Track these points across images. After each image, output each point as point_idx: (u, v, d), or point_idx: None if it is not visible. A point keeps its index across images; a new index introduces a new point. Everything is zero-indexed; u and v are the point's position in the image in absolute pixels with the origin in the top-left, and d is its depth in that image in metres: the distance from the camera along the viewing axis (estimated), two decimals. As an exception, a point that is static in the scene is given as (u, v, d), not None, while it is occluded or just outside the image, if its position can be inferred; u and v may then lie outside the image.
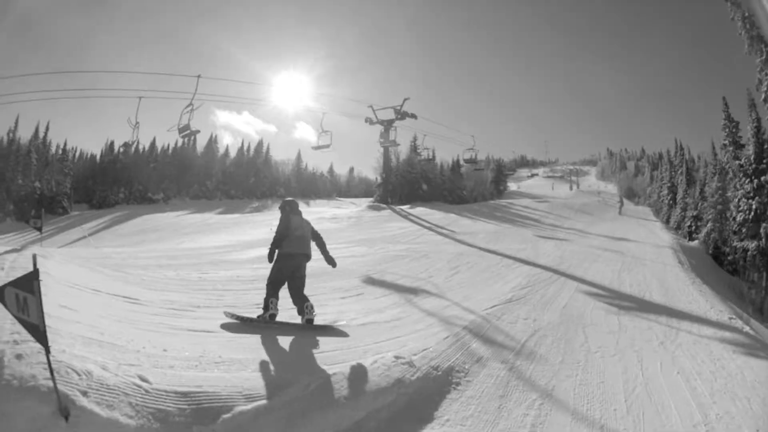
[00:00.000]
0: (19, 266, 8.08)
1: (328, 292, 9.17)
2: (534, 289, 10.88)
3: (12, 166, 40.38)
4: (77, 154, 49.15)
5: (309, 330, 6.86)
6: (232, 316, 7.16)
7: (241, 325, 6.79)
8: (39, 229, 13.99)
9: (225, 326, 6.61)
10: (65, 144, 47.94)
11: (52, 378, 3.81)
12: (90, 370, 4.19)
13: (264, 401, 4.26)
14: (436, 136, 41.25)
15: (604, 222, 27.20)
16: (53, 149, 45.19)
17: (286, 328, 6.86)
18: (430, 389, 5.46)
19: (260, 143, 43.17)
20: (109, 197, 46.44)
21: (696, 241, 23.51)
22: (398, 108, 28.11)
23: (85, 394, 3.92)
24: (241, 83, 45.78)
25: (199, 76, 20.66)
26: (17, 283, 3.77)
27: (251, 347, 5.82)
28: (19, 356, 4.31)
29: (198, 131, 22.07)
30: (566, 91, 42.68)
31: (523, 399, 5.64)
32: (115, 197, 44.03)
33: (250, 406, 4.18)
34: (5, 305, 3.82)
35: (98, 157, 47.45)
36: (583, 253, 16.36)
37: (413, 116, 28.58)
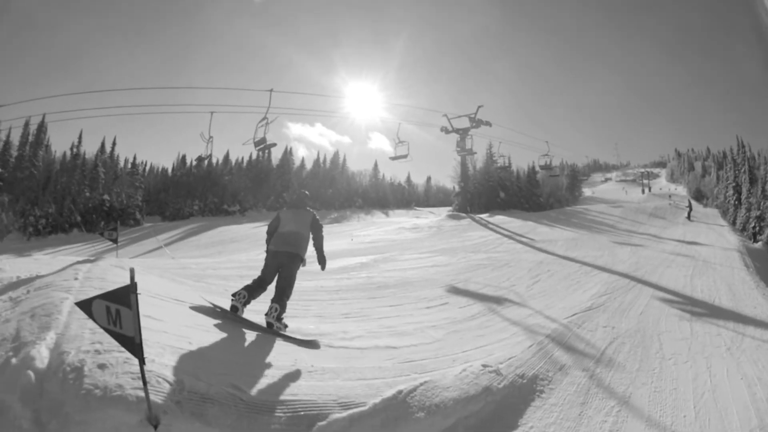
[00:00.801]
0: (95, 276, 8.35)
1: (413, 302, 9.29)
2: (612, 296, 10.84)
3: (78, 179, 42.35)
4: (147, 168, 51.15)
5: (273, 334, 6.70)
6: (212, 304, 7.40)
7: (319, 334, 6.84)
8: (115, 241, 14.24)
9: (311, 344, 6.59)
10: (134, 158, 49.90)
11: (145, 388, 3.86)
12: (182, 380, 4.29)
13: (358, 409, 4.28)
14: (511, 143, 41.11)
15: (675, 226, 27.25)
16: (121, 163, 47.31)
17: (251, 325, 6.83)
18: (516, 397, 5.45)
19: (336, 154, 43.87)
20: (183, 209, 47.88)
21: (759, 243, 23.25)
22: (472, 116, 28.26)
23: (178, 403, 4.03)
24: (313, 96, 46.44)
25: (271, 90, 21.31)
26: (110, 296, 3.84)
27: (342, 356, 5.96)
28: (102, 366, 4.42)
29: (274, 144, 22.95)
30: (633, 90, 42.13)
31: (603, 406, 5.64)
32: (189, 209, 45.30)
33: (345, 413, 4.20)
34: (93, 317, 3.90)
35: (170, 170, 49.33)
36: (657, 258, 16.28)
37: (488, 124, 28.68)
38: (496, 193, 33.34)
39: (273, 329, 6.94)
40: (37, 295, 7.40)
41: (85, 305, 3.88)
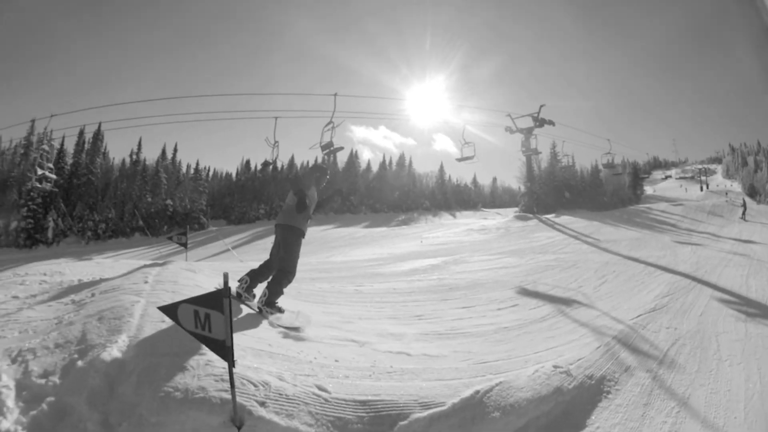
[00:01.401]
0: (166, 279, 8.60)
1: (484, 304, 9.35)
2: (674, 297, 10.85)
3: (139, 185, 43.83)
4: (211, 173, 52.46)
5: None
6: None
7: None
8: (184, 245, 14.57)
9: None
10: (197, 164, 51.21)
11: (232, 390, 4.03)
12: (267, 381, 4.45)
13: (438, 408, 4.36)
14: (574, 142, 40.94)
15: (732, 224, 27.40)
16: (183, 169, 48.65)
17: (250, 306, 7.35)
18: (584, 398, 5.53)
19: (402, 157, 44.22)
20: (249, 213, 49.04)
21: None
22: (535, 115, 28.30)
23: (263, 404, 4.16)
24: (376, 98, 46.84)
25: (335, 94, 21.73)
26: (199, 300, 4.01)
27: (419, 358, 6.02)
28: (182, 369, 4.63)
29: (341, 148, 23.09)
30: (689, 82, 41.71)
31: (664, 407, 5.71)
32: (255, 213, 46.28)
33: (425, 413, 4.30)
34: (178, 321, 4.06)
35: (234, 175, 50.62)
36: (716, 257, 16.26)
37: (551, 123, 28.67)
38: (561, 193, 33.31)
39: (262, 314, 7.08)
40: (104, 298, 7.62)
41: (170, 309, 4.06)
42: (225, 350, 3.93)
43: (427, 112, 38.82)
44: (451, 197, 42.11)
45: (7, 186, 43.88)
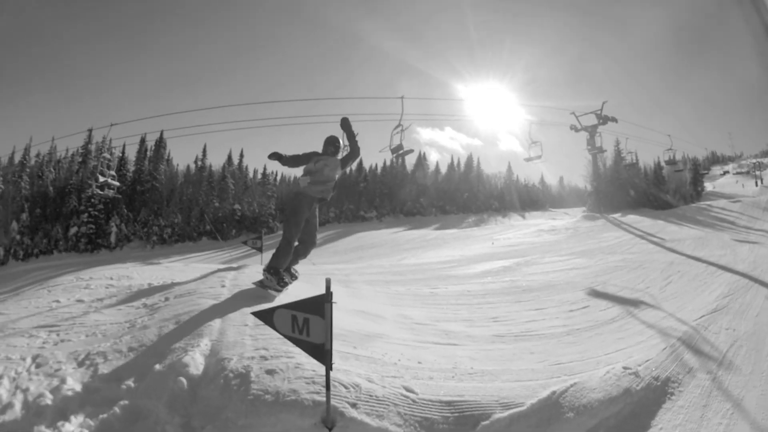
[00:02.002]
0: (243, 284, 8.87)
1: (556, 305, 9.56)
2: (734, 297, 10.95)
3: (205, 190, 45.34)
4: (278, 177, 53.86)
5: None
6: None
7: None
8: (260, 249, 14.73)
9: (469, 337, 7.15)
10: (264, 169, 52.62)
11: (327, 392, 4.19)
12: (357, 383, 4.63)
13: (517, 409, 4.52)
14: (637, 139, 40.81)
15: None
16: (250, 174, 50.19)
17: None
18: (650, 399, 5.68)
19: (470, 158, 44.65)
20: (319, 216, 49.79)
21: None
22: (598, 112, 28.36)
23: (354, 405, 4.34)
24: (442, 100, 47.28)
25: (402, 97, 22.12)
26: (298, 306, 4.22)
27: (497, 359, 6.21)
28: (270, 372, 4.84)
29: (411, 150, 23.36)
30: (746, 71, 41.36)
31: (720, 408, 5.86)
32: (325, 216, 47.27)
33: (506, 413, 4.45)
34: (273, 326, 4.28)
35: None
36: None
37: (614, 120, 28.63)
38: (626, 191, 33.25)
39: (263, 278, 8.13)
40: (180, 302, 8.01)
41: (266, 314, 4.31)
42: (324, 354, 4.10)
43: (492, 111, 38.96)
44: (519, 198, 42.33)
45: (66, 193, 45.89)
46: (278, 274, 8.11)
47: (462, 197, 43.12)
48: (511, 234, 30.37)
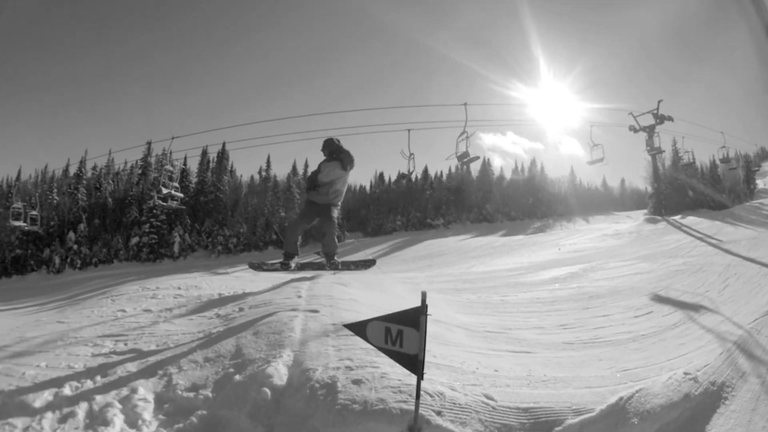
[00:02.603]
0: (320, 294, 9.26)
1: (622, 311, 9.83)
2: (785, 299, 11.26)
3: (270, 200, 47.16)
4: None
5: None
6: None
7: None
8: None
9: (544, 345, 7.55)
10: None
11: (417, 401, 4.39)
12: (441, 392, 4.79)
13: (588, 414, 4.69)
14: (692, 138, 40.72)
15: None
16: None
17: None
18: (706, 404, 5.87)
19: (533, 162, 45.26)
20: (386, 225, 51.30)
21: None
22: (655, 112, 28.18)
23: (439, 413, 4.52)
24: (503, 105, 47.73)
25: (465, 104, 21.55)
26: (393, 318, 4.43)
27: (568, 366, 6.50)
28: (357, 382, 5.05)
29: (477, 157, 23.19)
30: None
31: (765, 412, 6.09)
32: (392, 224, 48.31)
33: (577, 419, 4.63)
34: (365, 337, 4.49)
35: (368, 188, 53.28)
36: None
37: (669, 119, 28.39)
38: (684, 192, 33.35)
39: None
40: (256, 313, 8.33)
41: (359, 327, 4.53)
42: (416, 364, 4.30)
43: (553, 115, 39.26)
44: (583, 202, 42.56)
45: (126, 204, 47.88)
46: (285, 258, 10.35)
47: (527, 202, 43.51)
48: (577, 239, 30.45)
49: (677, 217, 30.67)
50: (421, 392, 4.57)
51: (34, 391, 6.45)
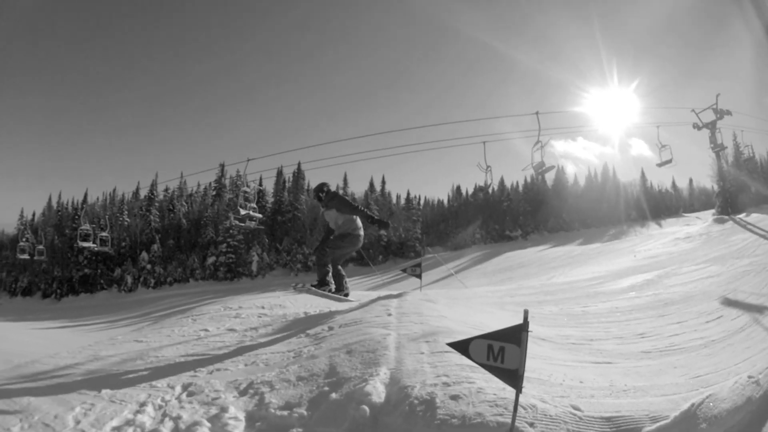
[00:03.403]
0: (409, 311, 9.84)
1: (695, 317, 10.18)
2: None
3: None
4: (422, 201, 56.80)
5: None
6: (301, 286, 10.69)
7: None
8: (419, 276, 15.49)
9: (621, 355, 8.03)
10: (408, 193, 55.71)
11: (514, 414, 4.61)
12: (534, 404, 5.00)
13: (663, 422, 4.86)
14: (750, 131, 41.12)
15: None
16: (393, 199, 53.21)
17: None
18: (764, 406, 5.97)
19: (605, 168, 46.42)
20: (465, 238, 52.79)
21: None
22: (714, 107, 28.27)
23: (532, 425, 4.74)
24: (573, 111, 48.58)
25: (537, 113, 22.54)
26: (495, 335, 4.64)
27: (646, 374, 6.83)
28: (455, 397, 5.31)
29: (553, 167, 23.67)
30: None
31: None
32: (471, 238, 49.72)
33: (654, 426, 4.81)
34: (469, 355, 4.67)
35: (446, 201, 54.72)
36: None
37: (728, 113, 28.53)
38: (747, 188, 33.72)
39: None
40: (347, 331, 8.89)
41: (461, 345, 4.75)
42: (516, 379, 4.50)
43: (621, 118, 39.85)
44: (655, 205, 43.16)
45: (201, 225, 49.88)
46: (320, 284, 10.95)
47: (602, 209, 44.21)
48: (651, 245, 31.24)
49: (742, 215, 31.11)
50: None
51: (110, 408, 6.89)
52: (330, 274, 11.24)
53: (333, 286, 11.22)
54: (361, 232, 11.73)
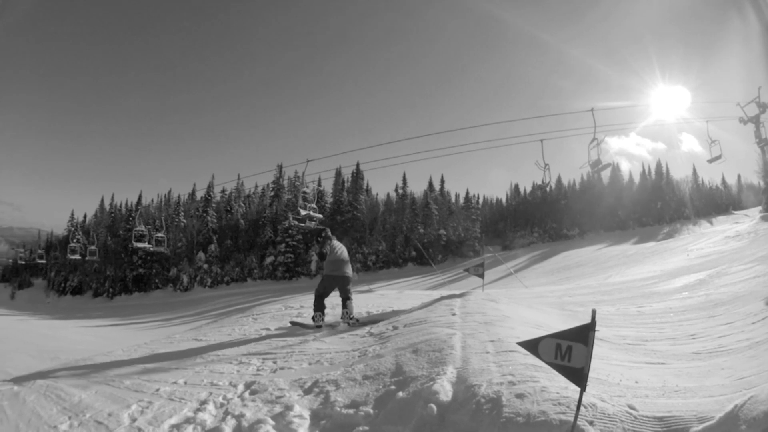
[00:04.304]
0: (473, 311, 10.34)
1: (742, 318, 10.52)
2: None
3: (409, 217, 50.23)
4: (480, 200, 57.94)
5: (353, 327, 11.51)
6: (294, 323, 11.51)
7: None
8: (481, 276, 15.91)
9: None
10: (467, 193, 56.95)
11: (577, 412, 4.84)
12: (594, 403, 5.16)
13: (708, 422, 4.99)
14: None
15: None
16: (452, 199, 54.44)
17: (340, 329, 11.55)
18: None
19: (659, 164, 47.17)
20: (523, 237, 53.96)
21: None
22: (757, 100, 28.32)
23: (591, 423, 4.92)
24: (627, 107, 48.80)
25: (592, 110, 23.46)
26: (563, 335, 4.86)
27: (696, 375, 7.04)
28: (520, 396, 5.54)
29: (609, 164, 24.40)
30: None
31: None
32: (530, 237, 50.74)
33: (700, 426, 4.96)
34: (538, 354, 4.89)
35: (504, 200, 55.88)
36: None
37: None
38: None
39: (353, 324, 11.82)
40: (412, 331, 9.46)
41: (531, 344, 4.96)
42: (582, 377, 4.69)
43: (672, 114, 40.03)
44: (705, 202, 43.54)
45: (260, 225, 51.42)
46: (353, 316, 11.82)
47: (656, 207, 44.65)
48: (702, 244, 32.47)
49: (790, 212, 30.91)
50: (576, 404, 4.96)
51: (169, 406, 7.33)
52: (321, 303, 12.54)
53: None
54: (332, 273, 12.76)
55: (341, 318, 12.36)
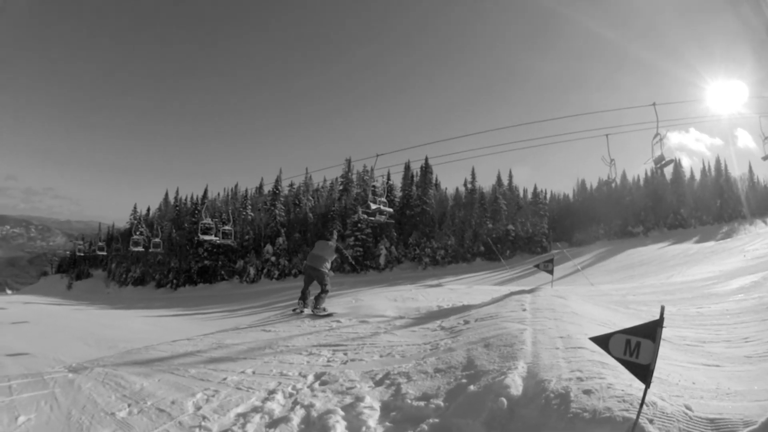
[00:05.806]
0: (543, 307, 10.84)
1: None
2: None
3: (477, 212, 51.54)
4: (548, 195, 59.18)
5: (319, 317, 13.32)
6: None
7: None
8: (551, 272, 16.63)
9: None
10: (534, 188, 58.40)
11: (640, 409, 4.96)
12: (654, 401, 5.26)
13: (752, 426, 4.99)
14: None
15: None
16: (521, 194, 55.58)
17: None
18: None
19: (718, 161, 47.58)
20: (589, 233, 54.92)
21: None
22: None
23: (651, 421, 5.02)
24: (687, 102, 49.21)
25: (654, 104, 23.48)
26: (633, 331, 5.01)
27: (746, 379, 7.02)
28: (587, 392, 5.70)
29: (672, 161, 24.40)
30: None
31: None
32: (595, 233, 51.73)
33: (746, 429, 4.97)
34: (608, 350, 5.03)
35: (571, 196, 56.96)
36: None
37: None
38: None
39: (315, 314, 13.71)
40: (483, 325, 9.90)
41: (602, 339, 5.11)
42: (647, 373, 4.81)
43: (730, 109, 40.41)
44: (761, 201, 44.02)
45: (328, 218, 53.05)
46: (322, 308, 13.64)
47: (715, 205, 45.30)
48: (759, 244, 33.88)
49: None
50: (638, 402, 5.18)
51: (236, 395, 7.63)
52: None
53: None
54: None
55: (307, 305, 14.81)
